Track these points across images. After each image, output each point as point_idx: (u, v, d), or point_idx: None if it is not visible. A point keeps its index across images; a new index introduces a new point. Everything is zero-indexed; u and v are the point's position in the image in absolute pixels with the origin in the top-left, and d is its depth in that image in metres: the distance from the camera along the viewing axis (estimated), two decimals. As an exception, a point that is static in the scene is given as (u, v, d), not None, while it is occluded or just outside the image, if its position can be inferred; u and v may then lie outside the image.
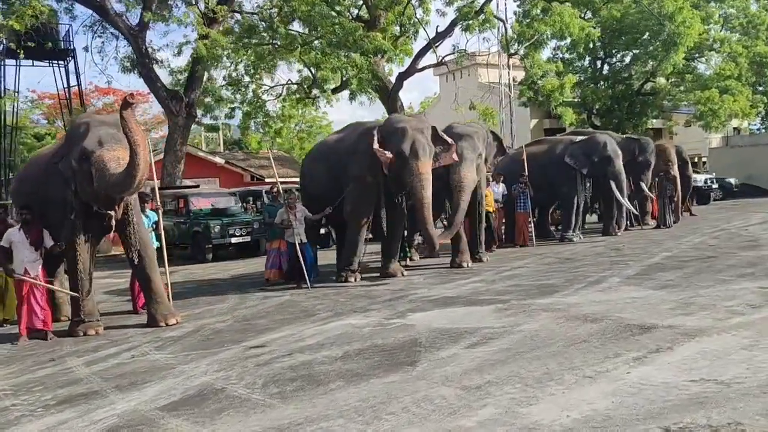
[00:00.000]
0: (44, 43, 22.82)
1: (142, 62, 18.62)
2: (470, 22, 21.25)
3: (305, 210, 10.00)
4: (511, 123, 31.10)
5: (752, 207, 22.20)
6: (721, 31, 32.28)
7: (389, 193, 10.04)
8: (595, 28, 24.86)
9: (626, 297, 7.38)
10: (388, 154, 9.46)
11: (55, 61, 24.77)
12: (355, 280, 10.04)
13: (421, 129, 9.88)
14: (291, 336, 6.41)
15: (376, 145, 9.52)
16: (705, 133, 34.90)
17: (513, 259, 11.70)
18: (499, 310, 7.08)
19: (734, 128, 44.38)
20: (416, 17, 23.03)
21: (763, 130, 47.56)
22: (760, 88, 32.93)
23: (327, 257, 12.31)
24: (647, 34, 30.36)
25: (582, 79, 33.07)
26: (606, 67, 33.76)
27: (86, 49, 22.68)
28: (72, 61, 24.55)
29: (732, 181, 29.77)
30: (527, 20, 21.71)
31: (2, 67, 23.65)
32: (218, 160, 28.29)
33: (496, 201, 13.70)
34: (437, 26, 22.94)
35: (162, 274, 7.96)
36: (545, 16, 21.15)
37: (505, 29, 22.02)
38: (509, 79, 29.25)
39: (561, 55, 34.46)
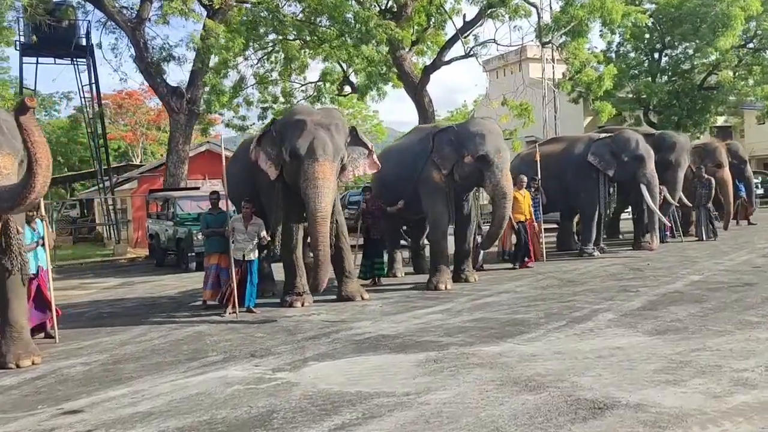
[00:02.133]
0: (64, 40, 22.45)
1: (140, 56, 17.57)
2: (497, 9, 19.32)
3: (262, 225, 8.42)
4: (555, 120, 28.90)
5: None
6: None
7: None
8: (645, 14, 22.41)
9: (605, 347, 5.51)
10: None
11: (76, 59, 24.21)
12: (302, 304, 8.45)
13: (326, 125, 8.10)
14: (133, 394, 4.88)
15: (253, 149, 8.32)
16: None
17: (506, 280, 9.86)
18: (427, 362, 5.35)
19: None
20: (443, 7, 21.20)
21: None
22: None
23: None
24: (709, 22, 27.52)
25: (637, 72, 30.40)
26: (664, 59, 30.90)
27: (99, 45, 21.99)
28: (92, 58, 23.91)
29: (806, 184, 26.55)
30: (562, 5, 19.54)
31: (21, 64, 23.20)
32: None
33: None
34: (464, 15, 21.03)
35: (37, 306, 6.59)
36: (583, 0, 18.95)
37: (539, 16, 19.90)
38: (553, 73, 27.06)
39: (614, 48, 32.10)
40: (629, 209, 14.46)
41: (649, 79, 30.17)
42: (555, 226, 14.64)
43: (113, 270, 16.22)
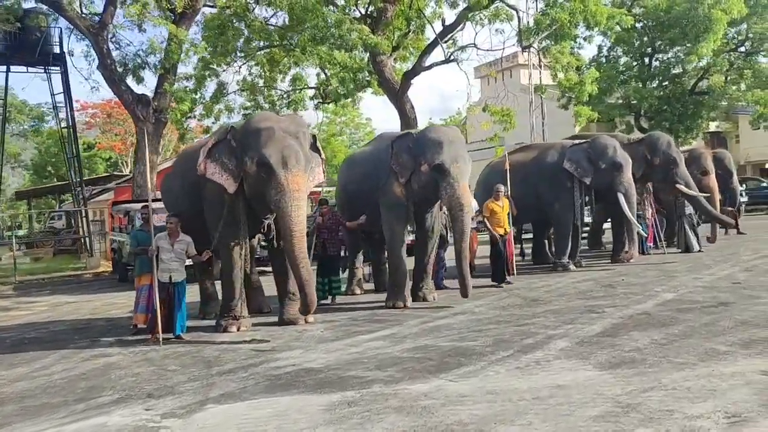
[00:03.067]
0: (35, 48, 21.83)
1: (104, 63, 16.93)
2: (477, 13, 18.72)
3: (191, 242, 7.71)
4: (543, 126, 28.30)
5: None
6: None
7: None
8: (630, 16, 21.74)
9: (546, 385, 4.80)
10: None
11: (49, 67, 23.54)
12: (238, 329, 7.75)
13: (294, 132, 7.53)
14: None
15: (203, 161, 7.57)
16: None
17: (467, 299, 9.15)
18: (339, 404, 4.64)
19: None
20: (423, 11, 20.59)
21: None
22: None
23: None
24: (690, 26, 26.91)
25: (628, 77, 29.79)
26: (655, 64, 30.27)
27: (71, 53, 21.41)
28: (65, 66, 23.25)
29: (801, 191, 25.83)
30: (543, 8, 18.90)
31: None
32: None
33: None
34: (443, 19, 20.41)
35: None
36: (564, 2, 18.31)
37: (519, 19, 19.23)
38: (540, 78, 26.42)
39: (604, 53, 31.51)
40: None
41: (640, 84, 29.57)
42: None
43: (74, 286, 15.53)
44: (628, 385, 4.69)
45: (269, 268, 9.27)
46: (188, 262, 7.78)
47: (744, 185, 24.05)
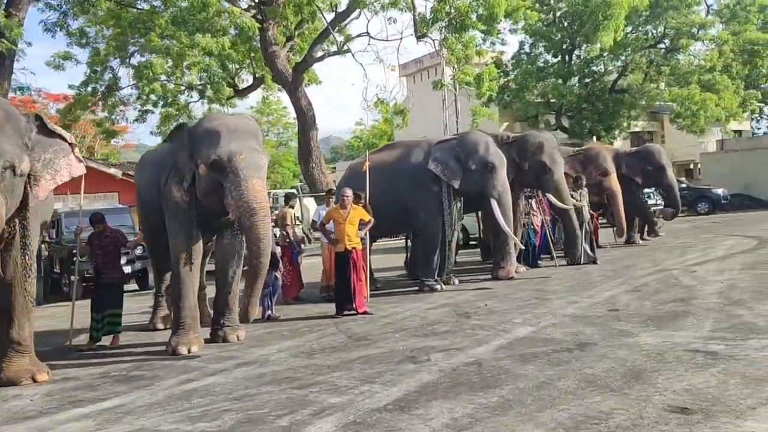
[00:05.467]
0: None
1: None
2: (372, 1, 16.96)
3: None
4: (456, 125, 26.77)
5: (733, 226, 17.52)
6: (706, 15, 27.60)
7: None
8: (535, 11, 20.34)
9: None
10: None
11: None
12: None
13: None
14: None
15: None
16: (699, 136, 30.12)
17: (278, 338, 7.19)
18: None
19: (734, 130, 39.52)
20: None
21: (763, 132, 42.68)
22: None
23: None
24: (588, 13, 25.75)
25: (545, 74, 28.52)
26: (575, 60, 29.09)
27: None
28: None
29: (720, 192, 24.91)
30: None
31: None
32: (114, 171, 23.96)
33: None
34: (335, 5, 18.52)
35: None
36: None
37: (414, 7, 17.49)
38: (449, 74, 24.85)
39: (526, 49, 30.23)
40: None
41: (560, 81, 28.37)
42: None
43: None
44: None
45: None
46: None
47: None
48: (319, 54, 19.38)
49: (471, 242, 16.49)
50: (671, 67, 25.23)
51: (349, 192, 8.34)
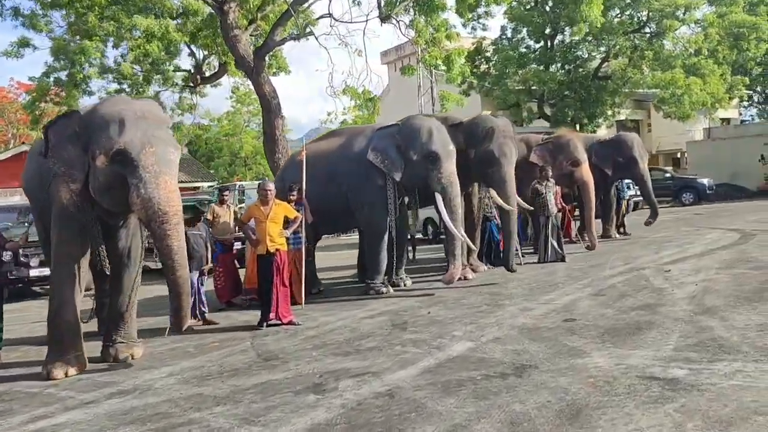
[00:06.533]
0: None
1: None
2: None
3: None
4: (432, 111, 25.71)
5: (717, 218, 16.62)
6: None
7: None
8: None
9: None
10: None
11: None
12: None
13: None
14: None
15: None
16: (686, 124, 29.20)
17: (179, 357, 6.21)
18: None
19: (722, 118, 38.66)
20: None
21: (754, 119, 41.85)
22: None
23: None
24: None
25: (526, 60, 27.50)
26: (557, 45, 28.06)
27: None
28: None
29: (705, 181, 24.01)
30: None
31: None
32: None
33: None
34: (296, -14, 17.38)
35: None
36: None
37: (378, -14, 16.40)
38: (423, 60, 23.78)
39: (508, 34, 29.19)
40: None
41: (542, 67, 27.36)
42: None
43: None
44: None
45: None
46: None
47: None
48: (280, 38, 18.26)
49: (442, 236, 15.52)
50: (655, 52, 24.18)
51: (270, 186, 7.31)
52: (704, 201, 23.48)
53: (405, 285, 9.26)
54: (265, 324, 7.10)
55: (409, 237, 10.18)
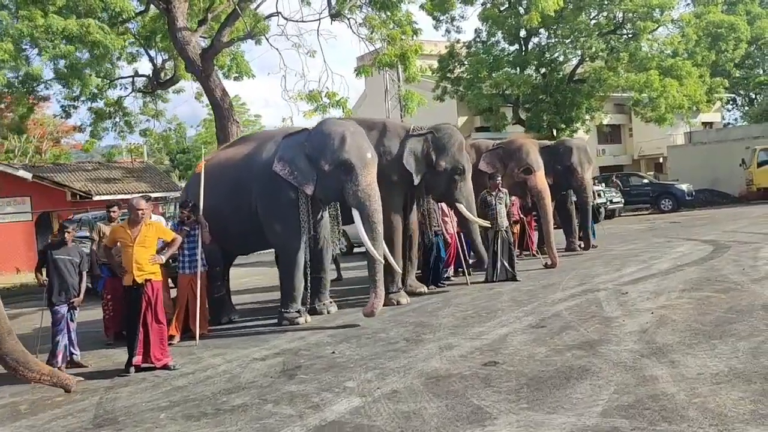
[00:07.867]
0: None
1: None
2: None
3: None
4: (401, 118, 24.59)
5: (693, 227, 15.56)
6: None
7: None
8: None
9: None
10: None
11: None
12: None
13: None
14: None
15: None
16: (667, 129, 28.22)
17: (53, 405, 5.02)
18: None
19: (704, 123, 37.75)
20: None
21: (738, 122, 41.05)
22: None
23: None
24: (571, 4, 23.73)
25: (499, 63, 26.42)
26: (531, 48, 27.03)
27: None
28: None
29: (684, 187, 22.96)
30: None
31: None
32: (23, 174, 21.59)
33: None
34: (244, -16, 16.29)
35: None
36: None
37: (329, -17, 15.28)
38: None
39: (482, 36, 28.13)
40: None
41: (515, 71, 26.31)
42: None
43: None
44: None
45: None
46: None
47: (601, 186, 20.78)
48: (227, 39, 17.13)
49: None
50: (630, 54, 23.11)
51: (142, 204, 6.08)
52: (684, 208, 22.48)
53: (328, 312, 8.08)
54: (132, 369, 5.89)
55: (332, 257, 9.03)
